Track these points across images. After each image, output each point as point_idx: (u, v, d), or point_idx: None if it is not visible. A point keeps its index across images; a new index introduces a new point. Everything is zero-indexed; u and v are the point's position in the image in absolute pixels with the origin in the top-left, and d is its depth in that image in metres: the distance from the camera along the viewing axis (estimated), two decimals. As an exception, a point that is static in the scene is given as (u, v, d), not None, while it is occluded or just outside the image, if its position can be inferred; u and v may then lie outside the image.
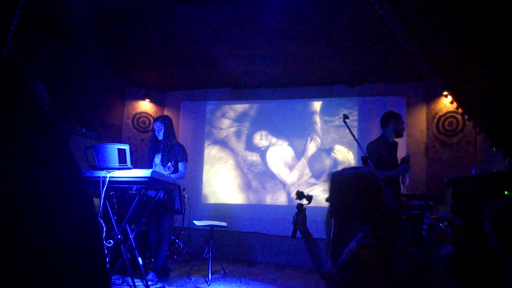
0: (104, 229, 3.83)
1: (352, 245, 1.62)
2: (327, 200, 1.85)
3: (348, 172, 1.86)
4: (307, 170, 6.42)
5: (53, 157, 0.84)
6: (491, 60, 2.55)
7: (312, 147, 6.47)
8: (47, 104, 1.25)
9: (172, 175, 4.37)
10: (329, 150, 6.38)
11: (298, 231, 2.20)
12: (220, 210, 6.59)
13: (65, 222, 0.81)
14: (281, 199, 6.45)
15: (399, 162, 4.14)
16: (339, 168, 2.05)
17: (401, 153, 4.33)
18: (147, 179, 3.68)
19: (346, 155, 6.29)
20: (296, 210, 2.22)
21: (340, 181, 1.81)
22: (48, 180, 0.80)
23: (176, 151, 4.52)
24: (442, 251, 1.59)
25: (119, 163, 3.83)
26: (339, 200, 1.77)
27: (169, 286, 4.26)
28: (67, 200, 0.83)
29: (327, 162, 6.36)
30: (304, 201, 2.22)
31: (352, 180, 1.79)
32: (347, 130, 3.50)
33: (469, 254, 1.51)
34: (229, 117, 6.94)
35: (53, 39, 5.03)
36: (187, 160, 4.61)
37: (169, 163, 4.45)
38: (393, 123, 4.22)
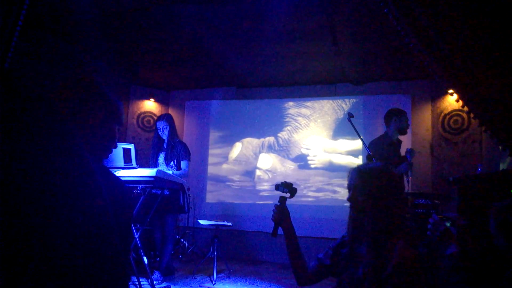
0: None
1: (402, 246, 1.54)
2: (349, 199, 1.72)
3: (376, 165, 1.78)
4: (311, 171, 6.42)
5: (67, 158, 0.85)
6: (497, 58, 2.53)
7: (316, 146, 6.46)
8: (122, 124, 1.29)
9: (175, 172, 4.38)
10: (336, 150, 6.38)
11: (281, 228, 1.99)
12: (225, 209, 6.60)
13: (80, 218, 0.81)
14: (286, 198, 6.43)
15: (403, 154, 4.14)
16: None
17: (402, 153, 4.32)
18: (152, 178, 3.69)
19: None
20: (278, 204, 2.00)
21: (370, 176, 1.69)
22: (61, 177, 0.81)
23: (178, 150, 4.53)
24: (447, 250, 1.58)
25: (124, 162, 3.85)
26: (375, 194, 1.64)
27: (174, 285, 4.27)
28: (83, 198, 0.84)
29: (334, 162, 6.35)
30: (287, 194, 2.02)
31: (385, 175, 1.71)
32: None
33: (474, 253, 1.50)
34: (233, 116, 6.94)
35: (57, 38, 5.05)
36: (190, 159, 4.61)
37: (172, 162, 4.46)
38: (396, 120, 4.21)
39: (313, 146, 6.47)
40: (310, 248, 5.14)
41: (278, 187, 2.06)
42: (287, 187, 2.03)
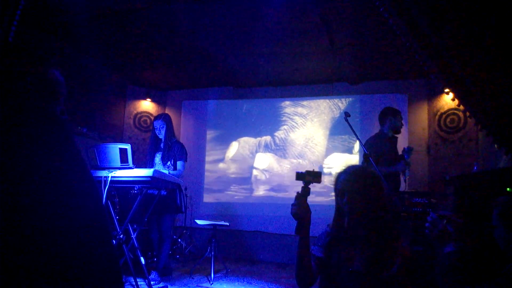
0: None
1: (405, 247, 1.59)
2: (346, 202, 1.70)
3: (361, 166, 1.82)
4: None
5: (63, 156, 0.85)
6: (493, 57, 2.54)
7: (313, 146, 6.47)
8: (64, 92, 1.27)
9: (171, 172, 4.37)
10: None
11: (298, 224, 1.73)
12: (222, 209, 6.60)
13: (75, 220, 0.81)
14: (283, 197, 6.45)
15: (400, 153, 4.16)
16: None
17: (399, 151, 4.33)
18: (149, 178, 3.68)
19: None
20: (301, 195, 1.70)
21: (363, 176, 1.73)
22: (58, 178, 0.81)
23: (175, 150, 4.51)
24: (445, 249, 1.59)
25: (121, 162, 3.83)
26: (362, 194, 1.67)
27: (172, 285, 4.26)
28: (77, 199, 0.84)
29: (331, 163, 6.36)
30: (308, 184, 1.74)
31: (374, 175, 1.75)
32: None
33: (471, 252, 1.51)
34: (230, 115, 6.93)
35: (54, 38, 5.03)
36: (186, 159, 4.59)
37: (169, 161, 4.45)
38: (390, 120, 4.22)
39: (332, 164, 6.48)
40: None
41: (303, 177, 1.74)
42: (316, 177, 1.73)
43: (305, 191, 1.71)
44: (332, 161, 6.40)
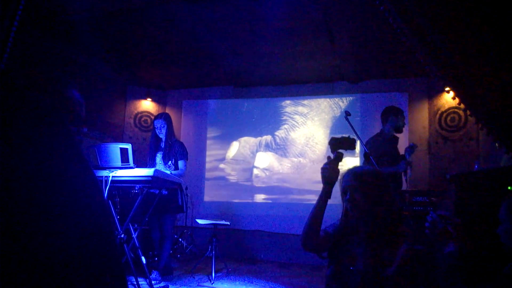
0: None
1: (405, 247, 1.62)
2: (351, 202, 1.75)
3: (368, 168, 1.86)
4: (309, 169, 6.42)
5: (66, 157, 0.85)
6: (493, 55, 2.54)
7: (314, 146, 6.47)
8: (83, 114, 1.28)
9: (173, 172, 4.37)
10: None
11: (326, 190, 1.79)
12: (223, 209, 6.60)
13: (78, 219, 0.82)
14: (283, 197, 6.45)
15: (403, 152, 4.15)
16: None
17: (401, 150, 4.32)
18: (149, 178, 3.68)
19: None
20: (334, 159, 1.76)
21: (365, 176, 1.77)
22: (62, 178, 0.81)
23: (176, 149, 4.52)
24: (446, 249, 1.59)
25: (122, 162, 3.83)
26: (368, 196, 1.72)
27: (173, 285, 4.27)
28: (80, 199, 0.84)
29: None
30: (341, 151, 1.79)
31: (378, 176, 1.79)
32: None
33: (471, 252, 1.51)
34: (231, 115, 6.93)
35: (54, 38, 5.03)
36: (187, 158, 4.60)
37: (170, 161, 4.45)
38: (392, 119, 4.21)
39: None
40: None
41: (339, 142, 1.81)
42: (351, 144, 1.79)
43: (338, 156, 1.79)
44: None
